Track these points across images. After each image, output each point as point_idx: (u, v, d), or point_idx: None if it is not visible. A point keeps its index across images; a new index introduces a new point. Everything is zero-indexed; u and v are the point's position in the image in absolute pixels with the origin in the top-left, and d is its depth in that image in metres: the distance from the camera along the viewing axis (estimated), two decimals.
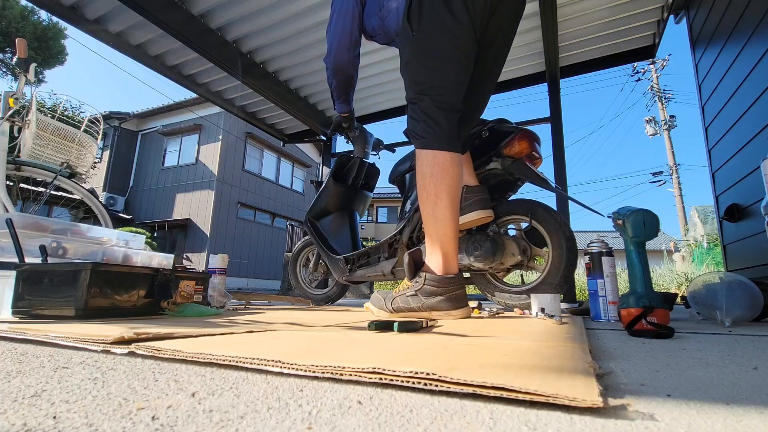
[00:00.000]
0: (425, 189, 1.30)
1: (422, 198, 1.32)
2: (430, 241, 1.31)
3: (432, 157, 1.30)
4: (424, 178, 1.31)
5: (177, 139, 14.24)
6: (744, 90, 2.36)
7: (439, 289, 1.26)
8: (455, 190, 1.30)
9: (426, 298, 1.28)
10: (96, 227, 1.51)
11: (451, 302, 1.26)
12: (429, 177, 1.29)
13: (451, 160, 1.30)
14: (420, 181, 1.33)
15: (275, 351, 0.54)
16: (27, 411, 0.32)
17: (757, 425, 0.31)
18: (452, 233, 1.29)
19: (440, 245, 1.29)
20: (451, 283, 1.27)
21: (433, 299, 1.27)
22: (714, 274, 1.27)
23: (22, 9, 11.17)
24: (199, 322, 1.01)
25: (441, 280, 1.27)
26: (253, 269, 13.79)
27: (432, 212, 1.29)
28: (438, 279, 1.27)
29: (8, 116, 2.15)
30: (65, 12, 2.97)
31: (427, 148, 1.32)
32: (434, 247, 1.30)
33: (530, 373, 0.42)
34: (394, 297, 1.37)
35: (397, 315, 1.34)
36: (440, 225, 1.28)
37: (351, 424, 0.31)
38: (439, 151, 1.30)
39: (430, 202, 1.29)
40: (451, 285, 1.27)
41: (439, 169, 1.28)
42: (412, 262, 1.36)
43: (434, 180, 1.28)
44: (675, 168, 15.89)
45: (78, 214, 4.90)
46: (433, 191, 1.28)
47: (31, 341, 0.69)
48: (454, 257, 1.31)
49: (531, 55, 3.37)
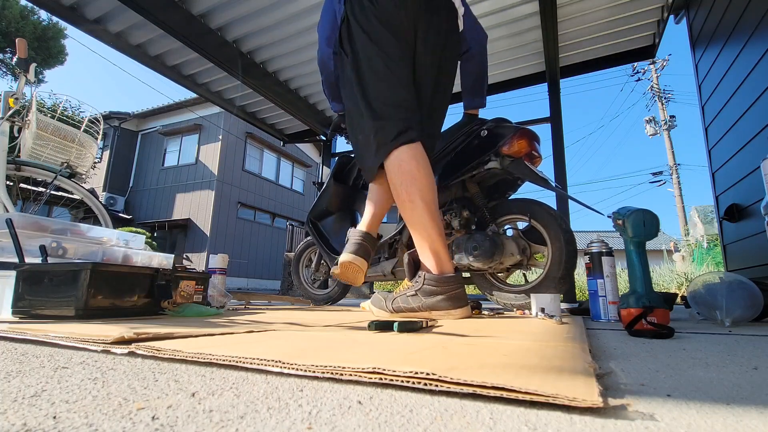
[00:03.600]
0: (399, 197, 1.34)
1: (399, 206, 1.36)
2: (419, 245, 1.34)
3: (397, 166, 1.33)
4: (395, 188, 1.35)
5: (177, 139, 14.23)
6: (744, 90, 2.36)
7: (439, 288, 1.27)
8: (426, 191, 1.32)
9: (426, 298, 1.28)
10: (96, 227, 1.51)
11: (451, 301, 1.27)
12: (399, 186, 1.33)
13: (410, 155, 1.32)
14: (393, 192, 1.37)
15: (275, 351, 0.54)
16: (27, 411, 0.32)
17: (757, 425, 0.31)
18: (436, 234, 1.31)
19: (429, 247, 1.31)
20: (450, 282, 1.28)
21: (432, 299, 1.27)
22: (714, 274, 1.27)
23: (21, 9, 11.16)
24: (199, 322, 1.01)
25: (440, 279, 1.27)
26: (253, 269, 13.79)
27: (411, 218, 1.33)
28: (437, 278, 1.27)
29: (8, 116, 2.15)
30: (65, 12, 2.97)
31: (386, 157, 1.34)
32: (424, 250, 1.32)
33: (530, 373, 0.42)
34: (394, 297, 1.37)
35: (397, 315, 1.34)
36: (422, 228, 1.31)
37: (351, 424, 0.31)
38: (400, 154, 1.32)
39: (407, 208, 1.32)
40: (450, 284, 1.28)
41: (407, 176, 1.32)
42: (412, 262, 1.37)
43: (404, 187, 1.32)
44: (675, 168, 15.89)
45: (78, 214, 4.90)
46: (406, 198, 1.32)
47: (31, 341, 0.69)
48: (446, 256, 1.32)
49: (531, 55, 3.37)
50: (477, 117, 1.86)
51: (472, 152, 1.81)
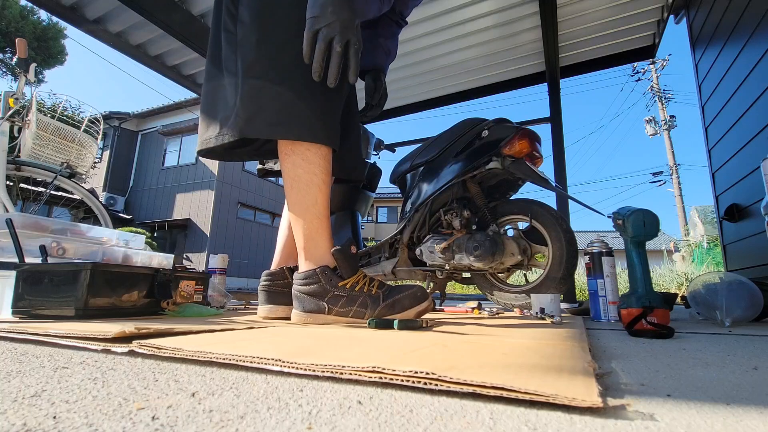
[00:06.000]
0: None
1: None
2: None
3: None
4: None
5: (177, 139, 14.23)
6: (744, 90, 2.36)
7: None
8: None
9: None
10: (96, 227, 1.51)
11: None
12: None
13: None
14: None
15: (275, 349, 0.54)
16: (27, 411, 0.32)
17: (757, 425, 0.31)
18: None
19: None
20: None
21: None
22: (714, 274, 1.27)
23: (21, 9, 11.17)
24: (199, 322, 1.01)
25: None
26: (253, 269, 13.79)
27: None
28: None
29: (8, 116, 2.15)
30: (65, 12, 2.97)
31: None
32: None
33: (530, 373, 0.42)
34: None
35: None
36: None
37: (351, 424, 0.31)
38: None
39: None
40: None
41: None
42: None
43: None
44: (675, 168, 15.89)
45: (78, 214, 4.90)
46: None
47: (31, 341, 0.69)
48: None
49: (531, 55, 3.37)
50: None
51: (473, 152, 1.81)
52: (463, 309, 1.81)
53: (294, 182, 1.11)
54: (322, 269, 1.08)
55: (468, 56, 3.40)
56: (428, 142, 2.01)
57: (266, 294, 1.35)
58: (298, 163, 1.10)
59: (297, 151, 1.10)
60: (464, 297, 5.77)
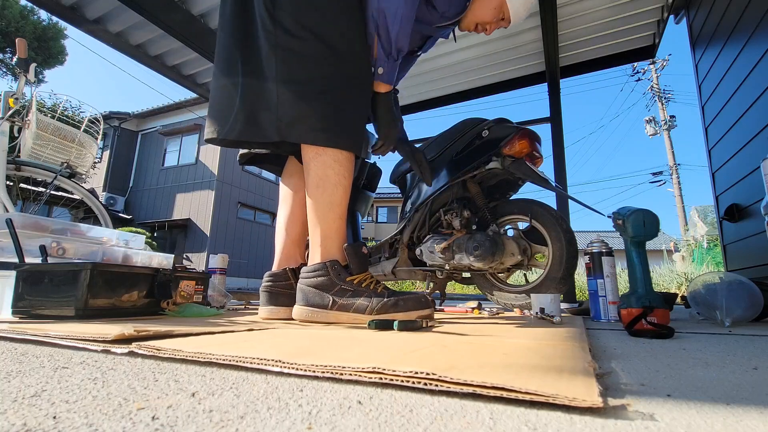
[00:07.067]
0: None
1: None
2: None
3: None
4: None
5: (177, 139, 14.22)
6: (744, 90, 2.36)
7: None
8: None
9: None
10: (96, 227, 1.51)
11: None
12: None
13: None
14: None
15: (276, 350, 0.54)
16: (27, 411, 0.32)
17: (757, 425, 0.31)
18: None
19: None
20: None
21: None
22: (714, 274, 1.27)
23: (21, 8, 11.16)
24: (199, 322, 1.01)
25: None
26: (253, 269, 13.78)
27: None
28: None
29: (8, 116, 2.15)
30: (65, 12, 2.96)
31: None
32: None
33: (530, 373, 0.42)
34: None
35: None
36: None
37: (351, 424, 0.31)
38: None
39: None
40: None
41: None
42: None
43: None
44: (675, 168, 15.89)
45: (78, 214, 4.90)
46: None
47: (31, 341, 0.69)
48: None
49: (531, 55, 3.37)
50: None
51: (473, 152, 1.81)
52: (463, 309, 1.81)
53: (321, 181, 1.14)
54: (332, 263, 1.12)
55: (468, 56, 3.40)
56: (428, 142, 2.01)
57: (268, 295, 1.36)
58: (329, 163, 1.14)
59: (328, 152, 1.14)
60: (464, 297, 5.77)
